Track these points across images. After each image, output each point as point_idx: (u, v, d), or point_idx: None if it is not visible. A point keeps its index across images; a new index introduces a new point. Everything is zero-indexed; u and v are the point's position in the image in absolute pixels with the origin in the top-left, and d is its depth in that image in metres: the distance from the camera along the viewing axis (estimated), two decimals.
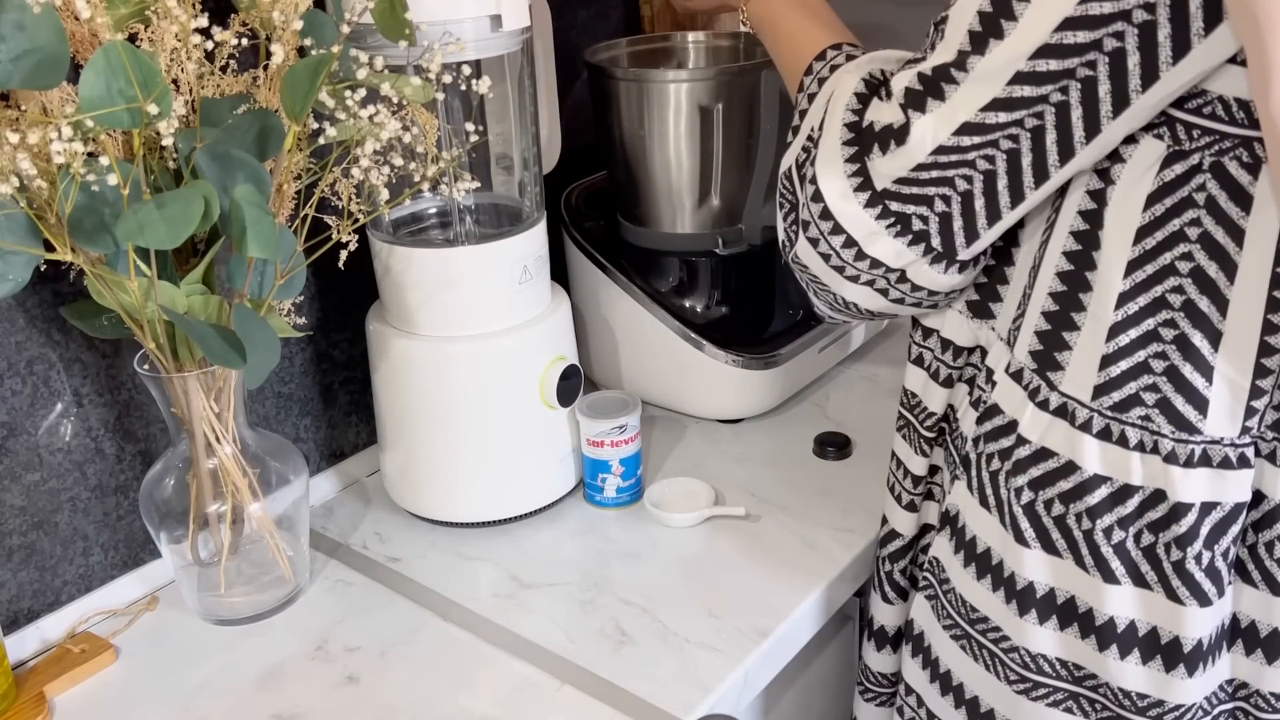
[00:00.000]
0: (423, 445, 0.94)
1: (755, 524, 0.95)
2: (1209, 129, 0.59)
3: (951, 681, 0.75)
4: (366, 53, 0.75)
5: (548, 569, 0.91)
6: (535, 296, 0.95)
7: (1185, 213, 0.60)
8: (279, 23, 0.75)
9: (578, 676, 0.79)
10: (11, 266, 0.69)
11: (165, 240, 0.66)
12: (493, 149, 0.98)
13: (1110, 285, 0.63)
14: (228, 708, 0.79)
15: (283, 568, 0.88)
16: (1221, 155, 0.59)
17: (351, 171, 0.76)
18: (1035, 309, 0.68)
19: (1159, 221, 0.61)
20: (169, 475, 0.84)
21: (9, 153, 0.64)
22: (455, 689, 0.79)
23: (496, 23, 0.86)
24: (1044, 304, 0.67)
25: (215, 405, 0.80)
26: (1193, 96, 0.58)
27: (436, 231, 0.98)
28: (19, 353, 0.82)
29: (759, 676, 0.82)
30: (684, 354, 1.07)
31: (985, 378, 0.73)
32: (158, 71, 0.66)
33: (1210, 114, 0.58)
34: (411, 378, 0.92)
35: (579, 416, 0.96)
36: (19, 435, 0.83)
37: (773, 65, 1.02)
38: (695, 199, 1.07)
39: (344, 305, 1.03)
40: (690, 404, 1.12)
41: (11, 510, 0.84)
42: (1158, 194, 0.61)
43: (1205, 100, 0.58)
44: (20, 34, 0.63)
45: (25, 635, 0.85)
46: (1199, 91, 0.58)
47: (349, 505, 1.03)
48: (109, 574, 0.90)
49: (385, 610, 0.88)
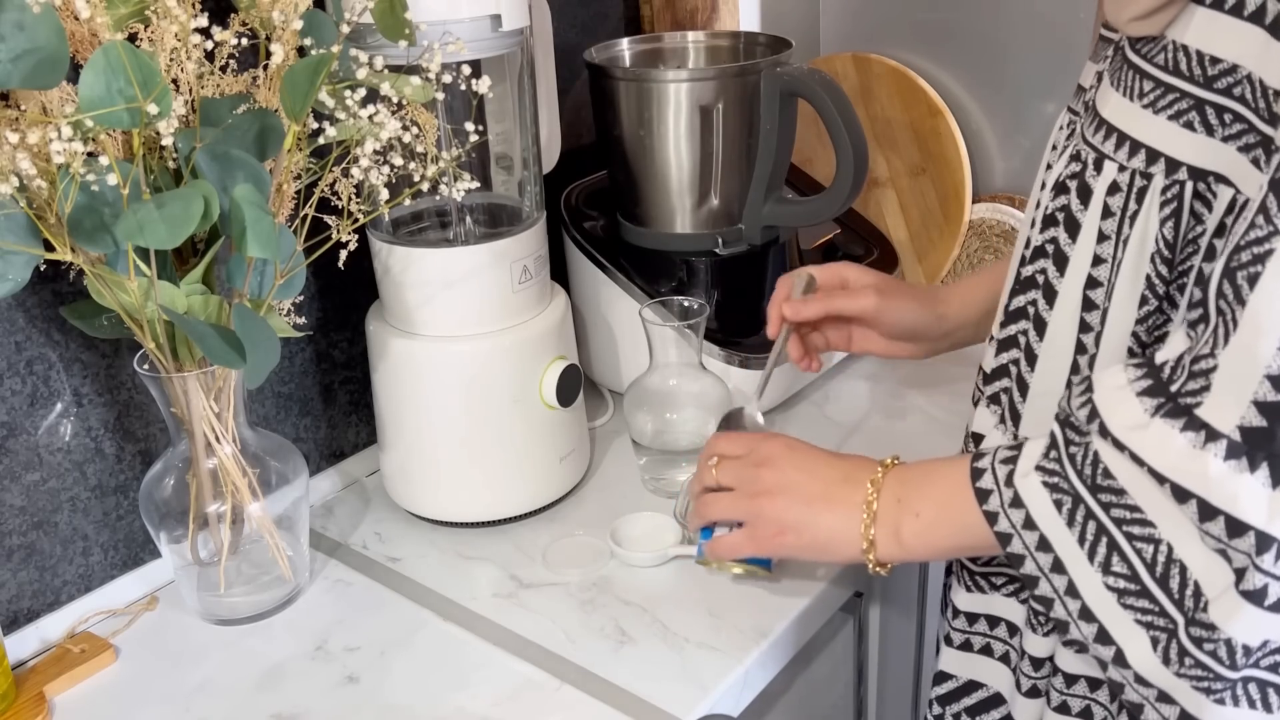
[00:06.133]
0: (423, 445, 0.94)
1: None
2: None
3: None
4: (366, 53, 0.75)
5: (548, 569, 0.91)
6: (535, 296, 0.95)
7: None
8: (279, 22, 0.75)
9: (578, 676, 0.79)
10: (11, 266, 0.69)
11: (165, 240, 0.66)
12: (493, 149, 0.98)
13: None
14: (228, 708, 0.79)
15: (282, 568, 0.88)
16: None
17: (351, 171, 0.76)
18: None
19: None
20: (169, 475, 0.84)
21: (9, 153, 0.64)
22: (455, 689, 0.79)
23: (496, 23, 0.86)
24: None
25: (215, 405, 0.80)
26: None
27: (436, 231, 0.98)
28: (19, 353, 0.82)
29: (759, 676, 0.82)
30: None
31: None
32: (157, 71, 0.66)
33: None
34: (411, 378, 0.92)
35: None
36: (19, 435, 0.83)
37: (773, 65, 1.03)
38: (695, 199, 1.07)
39: (344, 305, 1.03)
40: None
41: (11, 510, 0.84)
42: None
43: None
44: (20, 34, 0.63)
45: (25, 635, 0.85)
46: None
47: (349, 505, 1.03)
48: (109, 574, 0.90)
49: (385, 610, 0.88)
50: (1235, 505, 0.53)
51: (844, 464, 0.74)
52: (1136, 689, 0.59)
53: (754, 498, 0.74)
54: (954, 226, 1.38)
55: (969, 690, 0.80)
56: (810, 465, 0.74)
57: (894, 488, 0.70)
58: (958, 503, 0.65)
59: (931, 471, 0.70)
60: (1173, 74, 0.59)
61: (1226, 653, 0.55)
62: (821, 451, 0.76)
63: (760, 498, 0.74)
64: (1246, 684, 0.56)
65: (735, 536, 0.75)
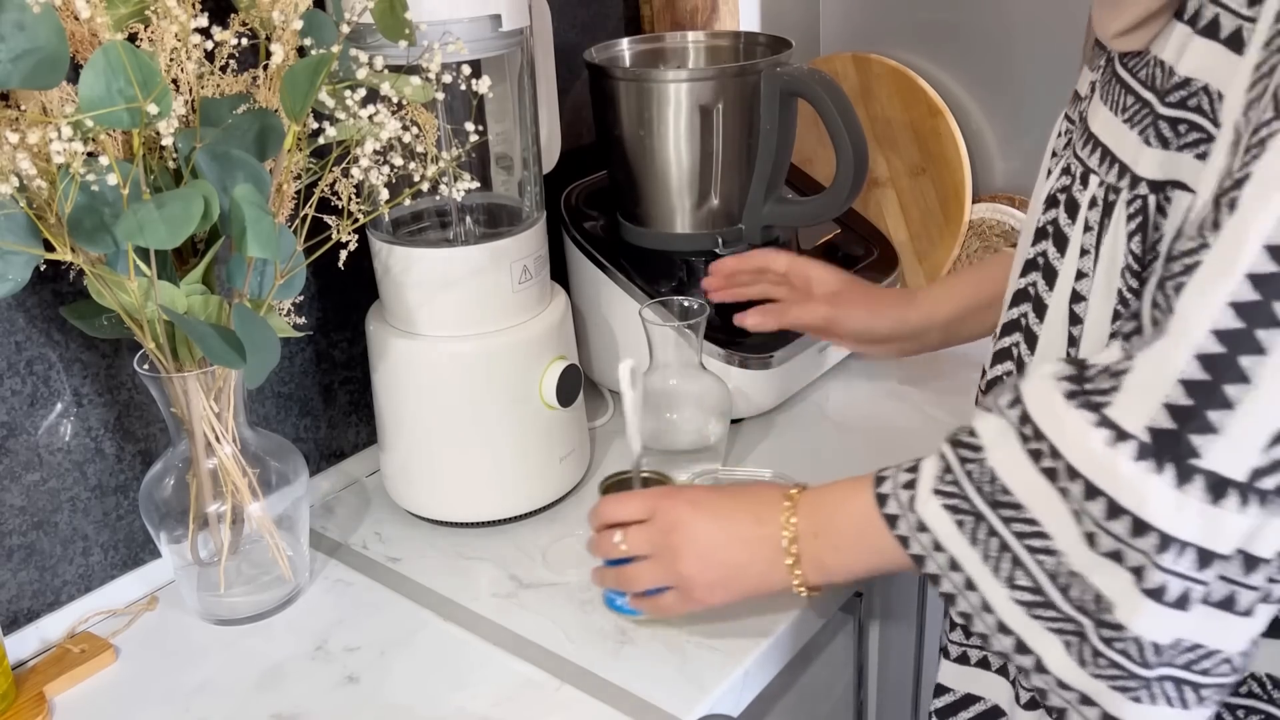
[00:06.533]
0: (423, 445, 0.94)
1: None
2: None
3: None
4: (366, 53, 0.75)
5: (548, 569, 0.91)
6: (535, 296, 0.95)
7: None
8: (279, 23, 0.75)
9: (578, 676, 0.79)
10: (11, 266, 0.69)
11: (165, 240, 0.66)
12: (493, 149, 0.98)
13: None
14: (228, 708, 0.79)
15: (283, 568, 0.88)
16: None
17: (351, 171, 0.76)
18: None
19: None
20: (169, 475, 0.84)
21: (9, 153, 0.64)
22: (455, 689, 0.79)
23: (496, 23, 0.86)
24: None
25: (215, 405, 0.80)
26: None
27: (436, 231, 0.98)
28: (19, 353, 0.82)
29: (759, 676, 0.82)
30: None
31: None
32: (157, 71, 0.66)
33: None
34: (411, 378, 0.92)
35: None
36: (19, 435, 0.83)
37: (773, 65, 1.03)
38: (695, 199, 1.07)
39: (344, 305, 1.03)
40: None
41: (11, 510, 0.84)
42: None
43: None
44: (20, 34, 0.63)
45: (25, 635, 0.85)
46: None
47: (349, 505, 1.03)
48: (109, 574, 0.90)
49: (385, 610, 0.88)
50: (1142, 506, 0.54)
51: (750, 503, 0.75)
52: (1059, 694, 0.60)
53: (675, 565, 0.75)
54: (954, 226, 1.38)
55: (967, 704, 0.80)
56: (719, 517, 0.74)
57: (808, 521, 0.72)
58: (871, 531, 0.66)
59: (842, 501, 0.71)
60: (1149, 89, 0.60)
61: (1137, 650, 0.56)
62: (722, 496, 0.77)
63: (680, 564, 0.74)
64: (1163, 682, 0.57)
65: (670, 599, 0.76)
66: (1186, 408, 0.52)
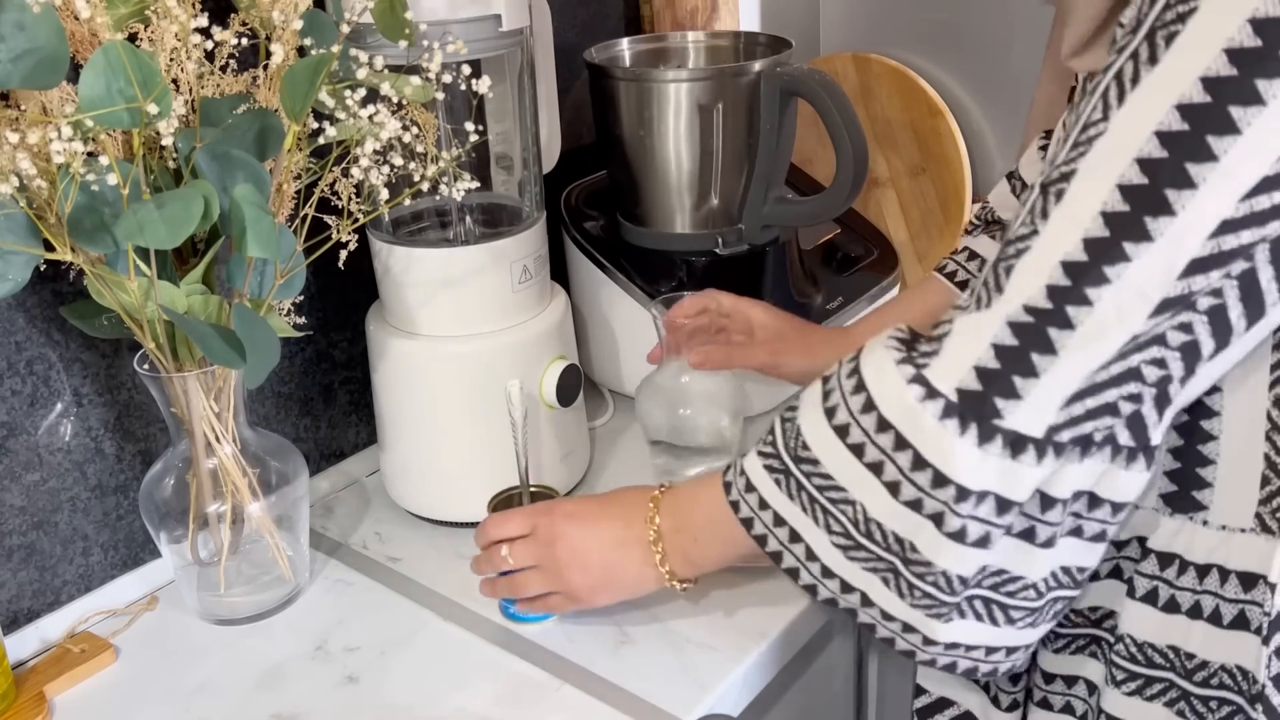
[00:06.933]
0: (423, 445, 0.94)
1: None
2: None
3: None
4: (366, 53, 0.75)
5: None
6: (535, 296, 0.95)
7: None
8: (279, 22, 0.75)
9: (578, 676, 0.79)
10: (11, 266, 0.69)
11: (165, 240, 0.66)
12: (493, 149, 0.98)
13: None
14: (228, 708, 0.79)
15: (282, 568, 0.88)
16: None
17: (351, 171, 0.76)
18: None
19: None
20: (169, 475, 0.84)
21: (9, 153, 0.64)
22: (455, 689, 0.79)
23: (496, 23, 0.86)
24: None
25: (215, 405, 0.80)
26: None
27: (436, 231, 0.98)
28: (19, 353, 0.82)
29: (759, 676, 0.82)
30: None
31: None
32: (157, 71, 0.66)
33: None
34: (411, 378, 0.92)
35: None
36: (19, 435, 0.83)
37: (772, 65, 1.03)
38: (695, 199, 1.07)
39: (344, 305, 1.03)
40: None
41: (11, 510, 0.84)
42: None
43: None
44: (20, 34, 0.63)
45: (25, 635, 0.85)
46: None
47: (349, 505, 1.03)
48: (109, 574, 0.90)
49: (385, 610, 0.88)
50: (946, 462, 0.57)
51: (620, 508, 0.79)
52: (885, 625, 0.65)
53: (558, 573, 0.79)
54: (954, 226, 1.38)
55: (942, 707, 0.82)
56: (592, 525, 0.79)
57: (669, 518, 0.76)
58: (722, 518, 0.70)
59: (697, 494, 0.75)
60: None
61: (945, 582, 0.60)
62: (595, 504, 0.80)
63: (563, 572, 0.78)
64: (972, 601, 0.62)
65: (558, 600, 0.81)
66: (994, 371, 0.56)
